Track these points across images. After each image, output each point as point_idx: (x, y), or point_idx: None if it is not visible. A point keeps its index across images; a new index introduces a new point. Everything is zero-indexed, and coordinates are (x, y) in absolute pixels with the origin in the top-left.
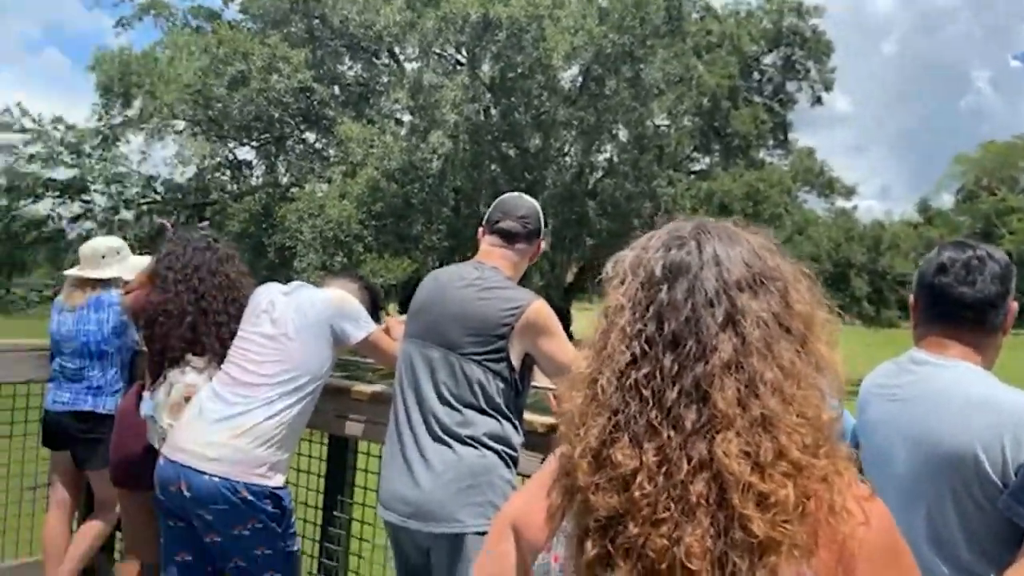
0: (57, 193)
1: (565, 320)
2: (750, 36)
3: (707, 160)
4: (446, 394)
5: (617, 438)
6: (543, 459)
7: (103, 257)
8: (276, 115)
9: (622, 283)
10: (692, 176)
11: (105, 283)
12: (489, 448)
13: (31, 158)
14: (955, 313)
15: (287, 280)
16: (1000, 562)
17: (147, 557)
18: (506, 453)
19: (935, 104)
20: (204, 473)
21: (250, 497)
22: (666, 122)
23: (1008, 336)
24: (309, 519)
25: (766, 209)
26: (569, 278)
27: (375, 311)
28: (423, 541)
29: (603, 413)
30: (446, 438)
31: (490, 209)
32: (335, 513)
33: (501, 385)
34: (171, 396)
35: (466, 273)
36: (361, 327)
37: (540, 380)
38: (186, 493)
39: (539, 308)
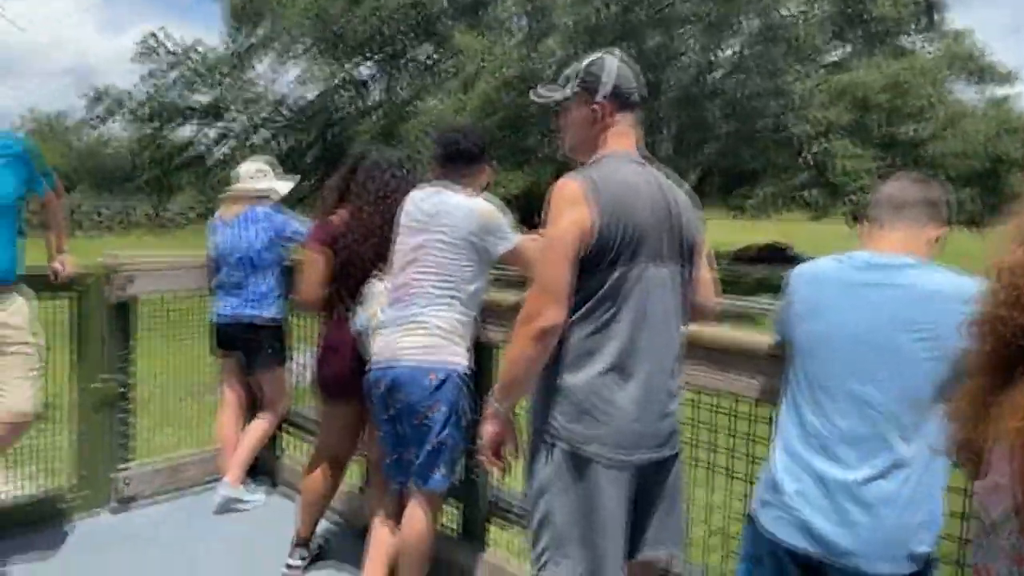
0: (198, 117)
1: None
2: None
3: (844, 50)
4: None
5: None
6: None
7: (254, 176)
8: (389, 32)
9: None
10: (825, 69)
11: (258, 198)
12: None
13: (173, 84)
14: None
15: None
16: None
17: (340, 454)
18: None
19: None
20: (395, 366)
21: (437, 379)
22: (798, 10)
23: None
24: None
25: (910, 102)
26: (689, 185)
27: None
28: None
29: None
30: None
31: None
32: (479, 416)
33: None
34: (376, 305)
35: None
36: (504, 240)
37: None
38: (383, 388)
39: None
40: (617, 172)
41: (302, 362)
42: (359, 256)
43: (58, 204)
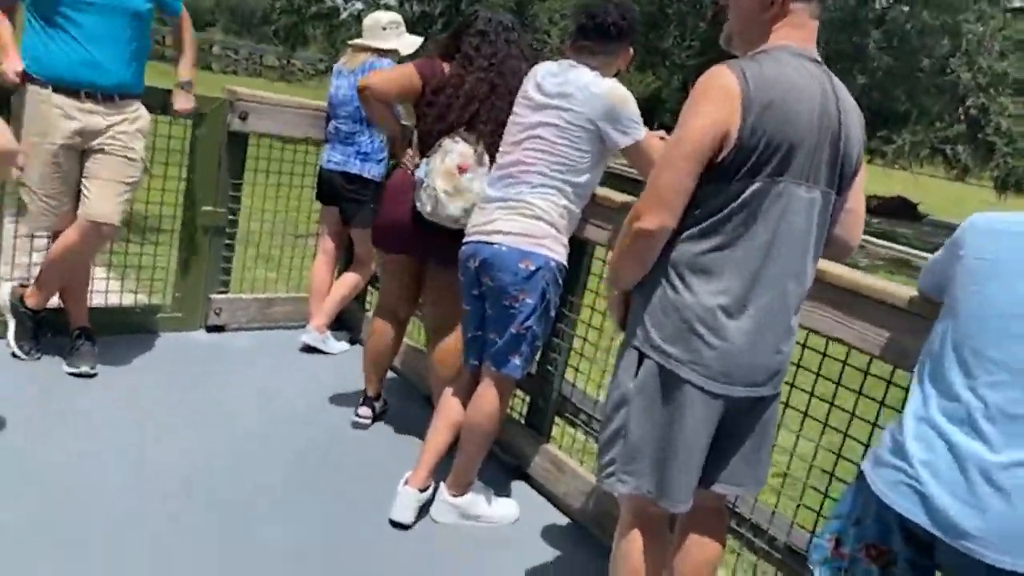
0: None
1: None
2: None
3: None
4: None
5: None
6: None
7: (384, 29)
8: None
9: None
10: (1010, 14)
11: (382, 52)
12: None
13: None
14: None
15: None
16: None
17: (399, 311)
18: None
19: None
20: (492, 244)
21: (531, 267)
22: None
23: None
24: None
25: None
26: None
27: None
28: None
29: None
30: None
31: None
32: (564, 311)
33: None
34: (445, 163)
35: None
36: (629, 132)
37: None
38: (476, 264)
39: None
40: (782, 68)
41: None
42: (453, 118)
43: (189, 24)
